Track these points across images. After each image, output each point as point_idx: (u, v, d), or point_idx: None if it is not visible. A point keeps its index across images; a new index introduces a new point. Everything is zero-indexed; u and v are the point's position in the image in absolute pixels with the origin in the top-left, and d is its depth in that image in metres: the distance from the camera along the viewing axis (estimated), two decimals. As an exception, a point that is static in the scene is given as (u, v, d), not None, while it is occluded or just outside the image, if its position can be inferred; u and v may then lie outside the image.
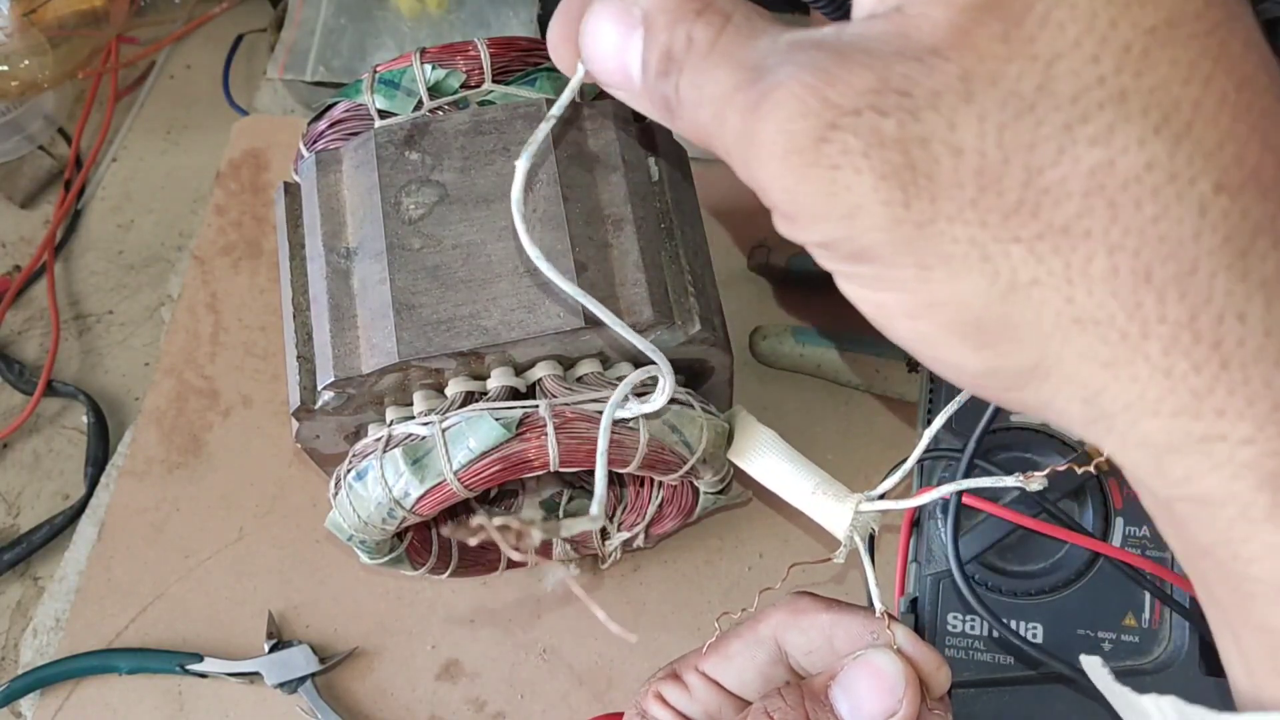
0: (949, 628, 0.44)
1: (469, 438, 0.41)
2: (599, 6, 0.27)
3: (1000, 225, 0.22)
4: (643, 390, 0.42)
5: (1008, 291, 0.22)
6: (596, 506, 0.35)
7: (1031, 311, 0.22)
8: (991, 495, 0.42)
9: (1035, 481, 0.35)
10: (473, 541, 0.26)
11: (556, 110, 0.30)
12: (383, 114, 0.47)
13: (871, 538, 0.40)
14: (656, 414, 0.42)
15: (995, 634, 0.43)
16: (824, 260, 0.25)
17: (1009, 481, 0.36)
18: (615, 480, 0.53)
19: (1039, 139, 0.21)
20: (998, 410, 0.45)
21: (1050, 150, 0.21)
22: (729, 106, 0.24)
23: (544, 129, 0.30)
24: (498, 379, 0.44)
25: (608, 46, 0.26)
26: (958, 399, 0.39)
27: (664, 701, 0.39)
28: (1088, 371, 0.22)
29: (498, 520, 0.27)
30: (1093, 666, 0.26)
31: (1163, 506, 0.24)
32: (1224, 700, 0.41)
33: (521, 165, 0.30)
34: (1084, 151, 0.21)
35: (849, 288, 0.25)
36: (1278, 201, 0.21)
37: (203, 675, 0.55)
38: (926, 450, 0.40)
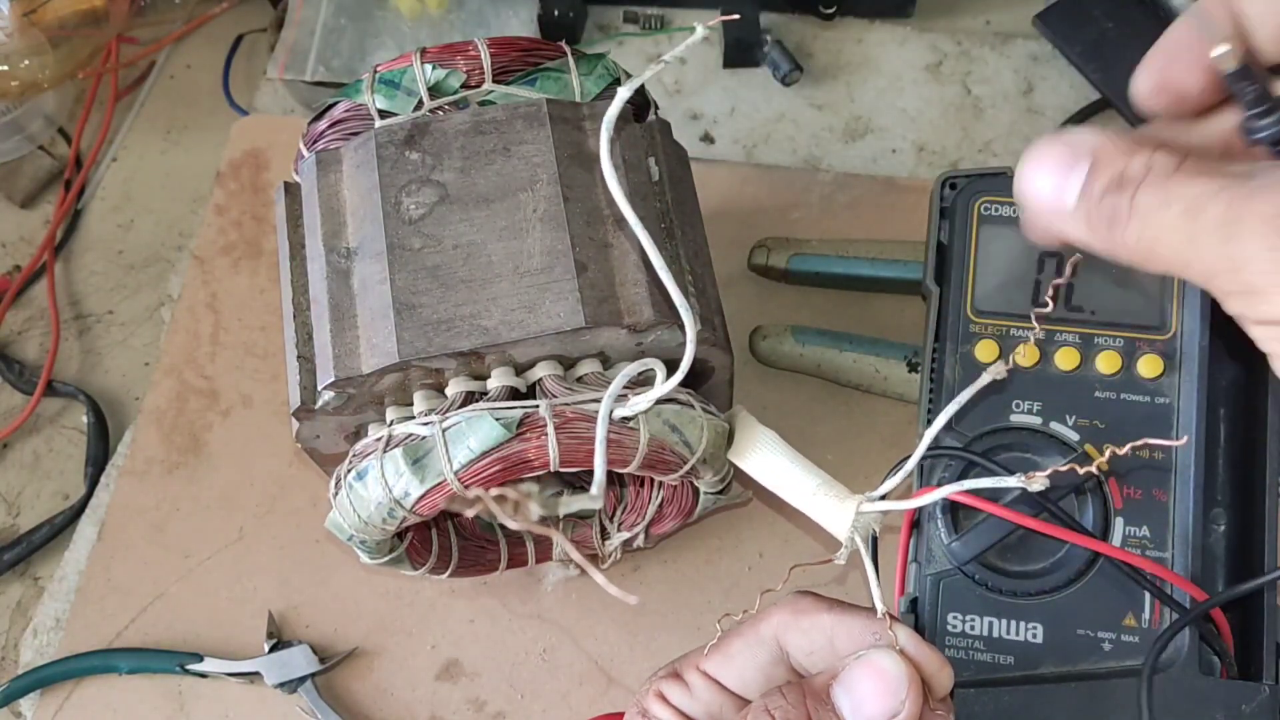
0: (949, 628, 0.44)
1: (469, 438, 0.41)
2: (1045, 141, 0.31)
3: None
4: (641, 383, 0.42)
5: None
6: (596, 487, 0.35)
7: None
8: (992, 495, 0.42)
9: (1037, 482, 0.35)
10: (469, 513, 0.27)
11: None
12: (383, 114, 0.47)
13: (874, 539, 0.40)
14: (657, 413, 0.42)
15: (995, 634, 0.44)
16: None
17: (1011, 482, 0.36)
18: (615, 480, 0.53)
19: None
20: (998, 410, 0.45)
21: None
22: (1210, 201, 0.28)
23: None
24: (498, 379, 0.44)
25: (1048, 173, 0.31)
26: (957, 400, 0.39)
27: (665, 700, 0.39)
28: None
29: (494, 491, 0.27)
30: None
31: None
32: (1220, 700, 0.41)
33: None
34: None
35: None
36: None
37: (203, 675, 0.55)
38: (927, 450, 0.40)
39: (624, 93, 0.35)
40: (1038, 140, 0.32)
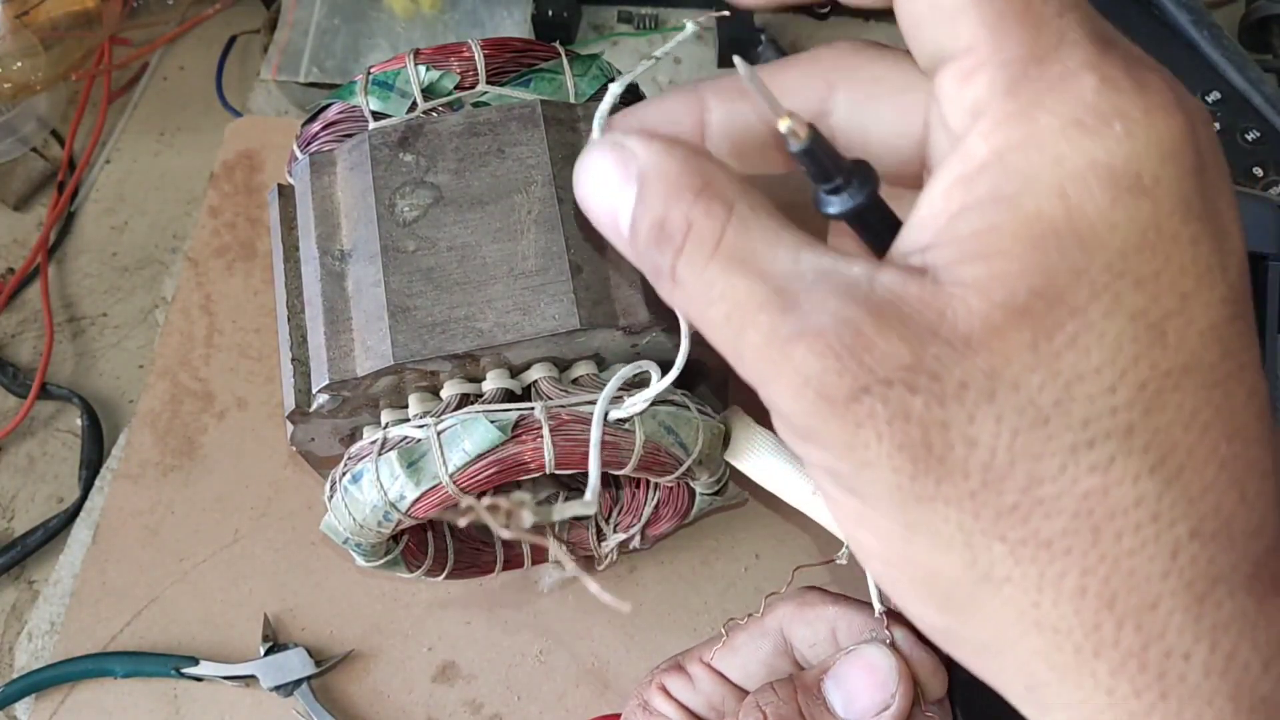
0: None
1: (464, 440, 0.41)
2: (600, 144, 0.26)
3: (991, 522, 0.23)
4: (636, 385, 0.42)
5: (981, 580, 0.23)
6: (591, 491, 0.35)
7: (998, 602, 0.23)
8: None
9: None
10: (461, 522, 0.26)
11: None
12: (377, 115, 0.47)
13: None
14: (652, 415, 0.42)
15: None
16: (816, 474, 0.25)
17: None
18: (611, 481, 0.53)
19: (1046, 453, 0.22)
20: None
21: (1053, 466, 0.22)
22: (750, 324, 0.24)
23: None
24: (493, 381, 0.43)
25: (599, 189, 0.26)
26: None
27: (667, 693, 0.39)
28: (1036, 666, 0.24)
29: (486, 500, 0.27)
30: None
31: None
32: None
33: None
34: (1083, 475, 0.22)
35: (836, 511, 0.26)
36: (1241, 552, 0.23)
37: (198, 678, 0.55)
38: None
39: (615, 89, 0.35)
40: (600, 136, 0.26)
